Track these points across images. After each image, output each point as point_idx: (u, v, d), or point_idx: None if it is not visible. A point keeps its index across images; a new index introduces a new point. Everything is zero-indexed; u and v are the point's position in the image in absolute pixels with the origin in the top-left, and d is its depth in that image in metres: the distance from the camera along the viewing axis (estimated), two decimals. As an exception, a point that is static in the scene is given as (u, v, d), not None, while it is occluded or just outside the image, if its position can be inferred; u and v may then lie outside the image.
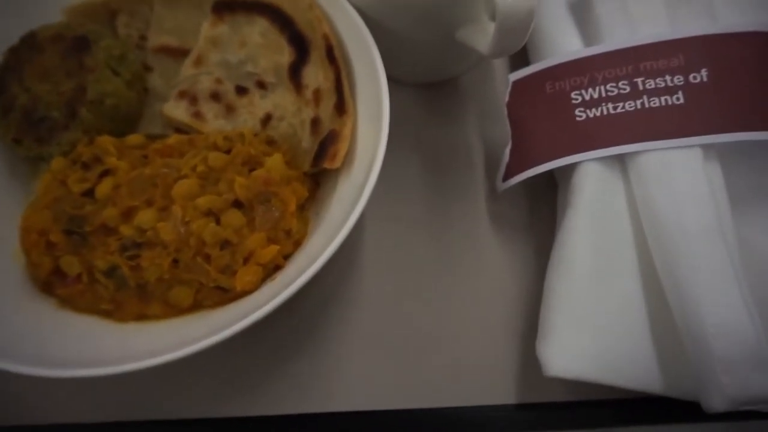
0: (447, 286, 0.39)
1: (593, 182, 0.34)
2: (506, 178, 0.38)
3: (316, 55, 0.39)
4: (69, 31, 0.38)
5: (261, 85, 0.39)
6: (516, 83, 0.38)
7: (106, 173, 0.35)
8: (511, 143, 0.37)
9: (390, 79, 0.45)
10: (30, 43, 0.38)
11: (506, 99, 0.38)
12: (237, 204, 0.34)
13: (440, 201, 0.41)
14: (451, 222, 0.40)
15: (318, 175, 0.38)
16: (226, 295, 0.33)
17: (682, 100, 0.34)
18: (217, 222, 0.34)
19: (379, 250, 0.39)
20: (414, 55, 0.43)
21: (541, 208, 0.40)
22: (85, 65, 0.37)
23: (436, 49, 0.42)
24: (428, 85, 0.46)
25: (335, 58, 0.38)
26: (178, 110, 0.38)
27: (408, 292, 0.39)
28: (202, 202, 0.34)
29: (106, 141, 0.36)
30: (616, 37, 0.37)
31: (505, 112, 0.38)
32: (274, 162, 0.35)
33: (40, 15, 0.40)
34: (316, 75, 0.38)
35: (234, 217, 0.34)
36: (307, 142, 0.38)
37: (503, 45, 0.33)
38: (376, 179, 0.33)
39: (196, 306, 0.34)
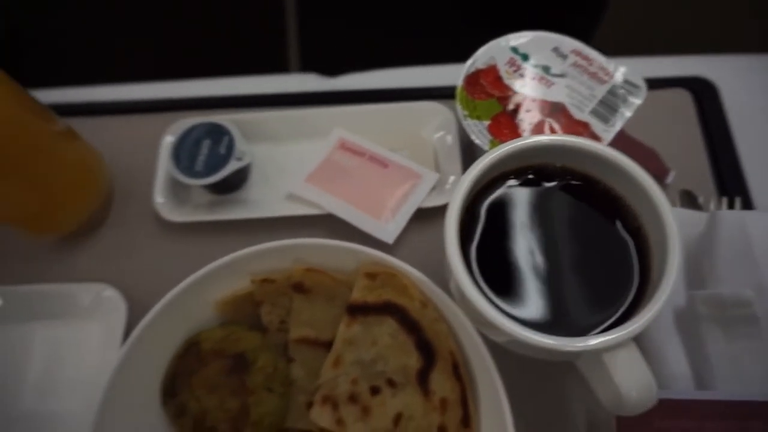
0: None
1: None
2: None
3: (442, 365, 0.43)
4: (228, 347, 0.43)
5: (391, 383, 0.44)
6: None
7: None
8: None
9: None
10: (194, 353, 0.44)
11: (616, 411, 0.42)
12: None
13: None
14: None
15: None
16: None
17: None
18: None
19: None
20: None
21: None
22: (246, 386, 0.42)
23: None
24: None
25: (461, 376, 0.42)
26: (323, 417, 0.43)
27: None
28: None
29: (267, 459, 0.42)
30: (726, 382, 0.40)
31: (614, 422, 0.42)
32: (411, 483, 0.41)
33: (197, 309, 0.46)
34: (443, 384, 0.43)
35: None
36: (435, 445, 0.43)
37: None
38: None
39: None
